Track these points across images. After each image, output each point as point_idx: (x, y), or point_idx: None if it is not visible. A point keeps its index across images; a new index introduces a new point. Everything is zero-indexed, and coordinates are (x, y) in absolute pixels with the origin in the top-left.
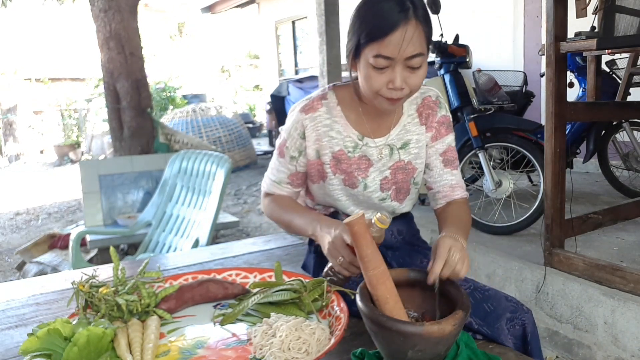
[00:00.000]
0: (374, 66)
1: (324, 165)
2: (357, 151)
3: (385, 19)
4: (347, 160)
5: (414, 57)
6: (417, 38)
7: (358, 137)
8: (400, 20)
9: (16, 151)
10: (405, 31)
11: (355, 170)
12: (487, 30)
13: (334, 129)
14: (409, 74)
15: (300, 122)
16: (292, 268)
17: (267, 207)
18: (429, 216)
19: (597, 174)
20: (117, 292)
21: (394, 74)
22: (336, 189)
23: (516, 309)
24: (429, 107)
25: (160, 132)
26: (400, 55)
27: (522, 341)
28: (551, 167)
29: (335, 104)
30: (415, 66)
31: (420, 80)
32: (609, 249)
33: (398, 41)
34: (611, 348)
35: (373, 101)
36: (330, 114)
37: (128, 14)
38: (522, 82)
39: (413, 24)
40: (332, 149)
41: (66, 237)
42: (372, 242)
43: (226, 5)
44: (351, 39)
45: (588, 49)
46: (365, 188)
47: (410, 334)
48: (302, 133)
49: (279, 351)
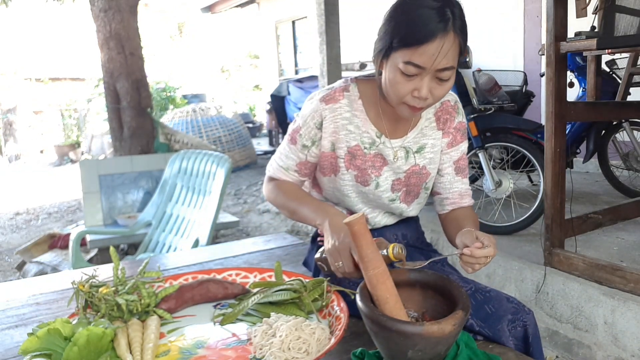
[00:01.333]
0: (403, 72)
1: (338, 159)
2: (374, 148)
3: (423, 27)
4: (363, 156)
5: (445, 69)
6: (452, 51)
7: (376, 135)
8: (439, 31)
9: (16, 151)
10: (443, 44)
11: (370, 168)
12: (487, 30)
13: (353, 123)
14: (436, 85)
15: (319, 112)
16: (292, 268)
17: (270, 192)
18: (429, 216)
19: (597, 174)
20: (117, 292)
21: (421, 83)
22: (347, 185)
23: (517, 310)
24: (447, 112)
25: (160, 132)
26: (433, 67)
27: (524, 342)
28: (551, 167)
29: (357, 97)
30: (444, 78)
31: (445, 92)
32: (609, 248)
33: (433, 52)
34: (611, 348)
35: (394, 106)
36: (351, 107)
37: (128, 14)
38: (522, 82)
39: (451, 37)
40: (348, 143)
41: (66, 237)
42: (372, 242)
43: (226, 5)
44: (383, 37)
45: (588, 48)
46: (377, 187)
47: (410, 334)
48: (320, 123)
49: (279, 351)
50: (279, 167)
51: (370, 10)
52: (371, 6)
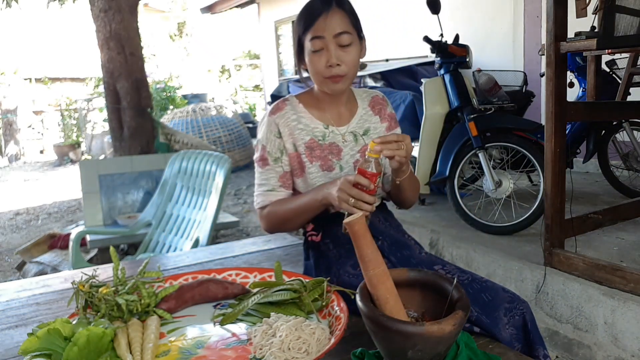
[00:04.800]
0: (313, 50)
1: (301, 156)
2: (327, 139)
3: (312, 10)
4: (319, 147)
5: (341, 34)
6: (340, 19)
7: (324, 127)
8: (324, 9)
9: (16, 151)
10: (329, 15)
11: (329, 155)
12: (487, 30)
13: (302, 122)
14: (342, 52)
15: (272, 124)
16: (292, 268)
17: (266, 216)
18: (428, 216)
19: (597, 174)
20: (117, 292)
21: (329, 52)
22: (316, 177)
23: (513, 299)
24: (378, 103)
25: (160, 132)
26: (329, 33)
27: (523, 331)
28: (551, 167)
29: (297, 102)
30: (344, 43)
31: (353, 58)
32: (609, 249)
33: (326, 22)
34: (611, 348)
35: (323, 87)
36: (295, 111)
37: (128, 14)
38: (522, 82)
39: (335, 10)
40: (303, 139)
41: (66, 237)
42: (372, 242)
43: (226, 5)
44: (295, 42)
45: (588, 49)
46: (341, 169)
47: (410, 334)
48: (278, 132)
49: (279, 351)
50: (264, 193)
51: (370, 10)
52: (371, 6)
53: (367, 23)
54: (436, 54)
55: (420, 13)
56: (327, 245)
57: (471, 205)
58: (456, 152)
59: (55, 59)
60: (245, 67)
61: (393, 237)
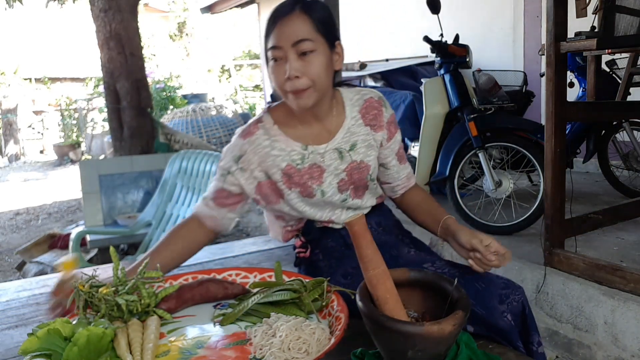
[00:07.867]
0: (272, 60)
1: (278, 184)
2: (306, 161)
3: (272, 18)
4: (298, 173)
5: (300, 41)
6: (301, 25)
7: (302, 148)
8: (283, 15)
9: (16, 151)
10: (288, 22)
11: (308, 180)
12: (487, 30)
13: (276, 148)
14: (303, 62)
15: (238, 147)
16: (292, 268)
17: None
18: None
19: (597, 174)
20: (117, 292)
21: (287, 63)
22: (297, 203)
23: (507, 285)
24: (373, 107)
25: (160, 132)
26: (286, 42)
27: (521, 317)
28: (551, 167)
29: (272, 123)
30: (305, 51)
31: (316, 67)
32: (609, 248)
33: (281, 29)
34: (611, 348)
35: (288, 103)
36: (269, 135)
37: (128, 14)
38: (522, 82)
39: (296, 14)
40: (279, 166)
41: (66, 237)
42: (372, 242)
43: (226, 5)
44: (263, 51)
45: (588, 49)
46: (323, 195)
47: (410, 334)
48: (238, 157)
49: (279, 351)
50: (201, 198)
51: (371, 11)
52: (371, 6)
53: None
54: (436, 54)
55: (420, 13)
56: (317, 255)
57: (471, 205)
58: (456, 152)
59: (55, 59)
60: (245, 67)
61: (380, 240)
